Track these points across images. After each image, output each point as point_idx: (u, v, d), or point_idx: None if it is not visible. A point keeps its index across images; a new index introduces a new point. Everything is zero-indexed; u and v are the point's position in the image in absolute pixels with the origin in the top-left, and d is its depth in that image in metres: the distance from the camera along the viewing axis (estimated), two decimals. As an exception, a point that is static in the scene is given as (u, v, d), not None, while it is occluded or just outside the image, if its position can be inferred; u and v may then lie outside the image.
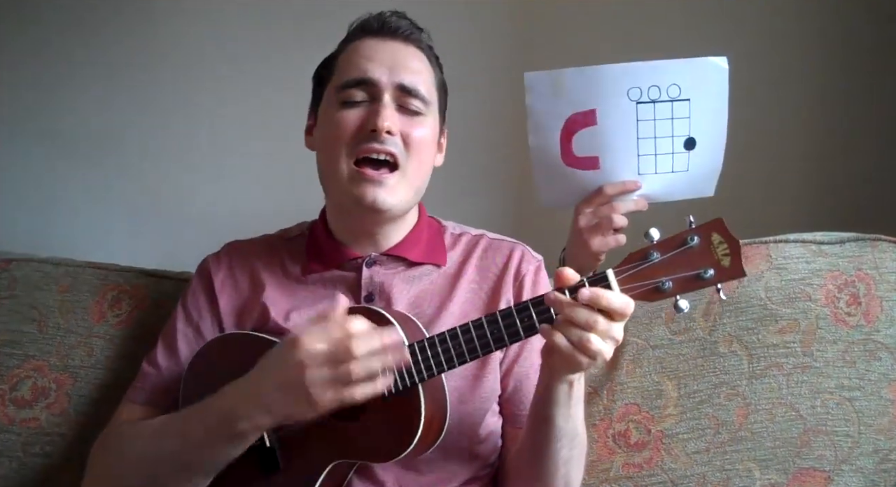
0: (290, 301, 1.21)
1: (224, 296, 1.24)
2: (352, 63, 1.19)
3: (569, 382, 1.02)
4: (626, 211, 1.35)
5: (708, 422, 1.32)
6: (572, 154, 1.35)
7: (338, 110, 1.17)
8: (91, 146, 1.99)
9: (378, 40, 1.20)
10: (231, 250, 1.30)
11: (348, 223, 1.23)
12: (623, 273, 0.97)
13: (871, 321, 1.35)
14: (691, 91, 1.30)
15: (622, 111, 1.31)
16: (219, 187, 2.01)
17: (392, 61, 1.18)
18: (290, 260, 1.26)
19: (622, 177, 1.34)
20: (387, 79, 1.16)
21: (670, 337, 1.36)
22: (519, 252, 1.27)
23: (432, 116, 1.21)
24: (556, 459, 1.08)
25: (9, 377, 1.39)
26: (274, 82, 1.97)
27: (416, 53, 1.22)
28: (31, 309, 1.43)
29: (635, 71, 1.30)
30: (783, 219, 1.68)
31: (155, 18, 1.97)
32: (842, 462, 1.31)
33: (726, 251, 0.96)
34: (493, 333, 1.01)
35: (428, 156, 1.21)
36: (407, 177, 1.16)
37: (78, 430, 1.37)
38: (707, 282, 0.96)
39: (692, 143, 1.33)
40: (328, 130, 1.18)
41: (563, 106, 1.33)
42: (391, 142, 1.14)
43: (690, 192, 1.40)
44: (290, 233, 1.32)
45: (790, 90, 1.86)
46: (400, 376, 1.03)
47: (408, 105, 1.17)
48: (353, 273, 1.22)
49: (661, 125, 1.32)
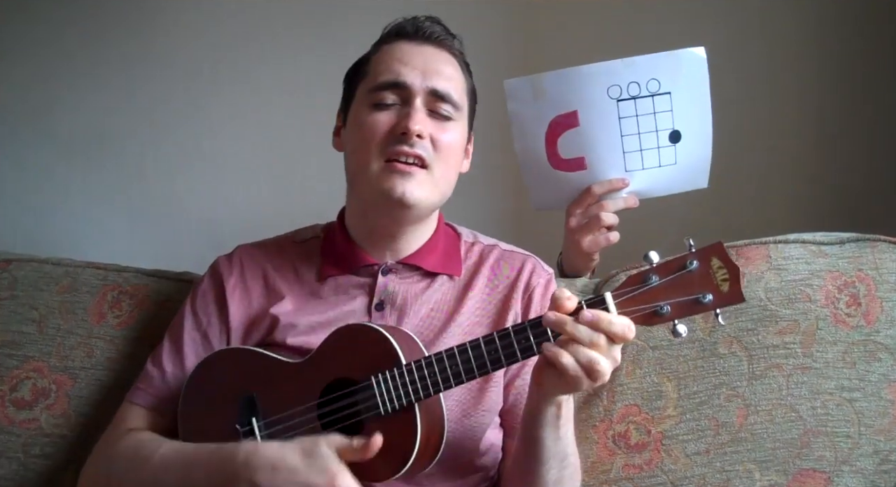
0: (303, 308, 1.21)
1: (234, 303, 1.23)
2: (385, 65, 1.19)
3: (557, 404, 1.02)
4: (615, 209, 1.35)
5: (708, 423, 1.32)
6: (558, 156, 1.35)
7: (370, 112, 1.18)
8: (91, 146, 1.99)
9: (412, 44, 1.21)
10: (242, 253, 1.29)
11: (370, 224, 1.23)
12: (621, 296, 0.97)
13: (871, 322, 1.35)
14: (671, 84, 1.31)
15: (603, 110, 1.31)
16: (219, 187, 2.01)
17: (425, 65, 1.18)
18: (303, 264, 1.26)
19: (609, 176, 1.35)
20: (419, 83, 1.17)
21: (670, 338, 1.35)
22: (530, 264, 1.26)
23: (462, 122, 1.22)
24: (545, 479, 1.08)
25: (9, 378, 1.39)
26: (275, 83, 1.97)
27: (449, 59, 1.23)
28: (31, 309, 1.43)
29: (613, 69, 1.31)
30: (783, 219, 1.69)
31: (155, 19, 1.97)
32: (842, 463, 1.31)
33: (725, 276, 0.95)
34: (489, 354, 1.00)
35: (455, 160, 1.21)
36: (434, 177, 1.17)
37: (78, 431, 1.37)
38: (705, 307, 0.95)
39: (677, 136, 1.33)
40: (359, 131, 1.19)
41: (544, 109, 1.34)
42: (420, 145, 1.15)
43: (683, 185, 1.40)
44: (300, 235, 1.31)
45: (790, 90, 1.86)
46: (397, 395, 1.03)
47: (439, 110, 1.18)
48: (369, 279, 1.22)
49: (643, 120, 1.32)
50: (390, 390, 1.03)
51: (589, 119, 1.32)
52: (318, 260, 1.25)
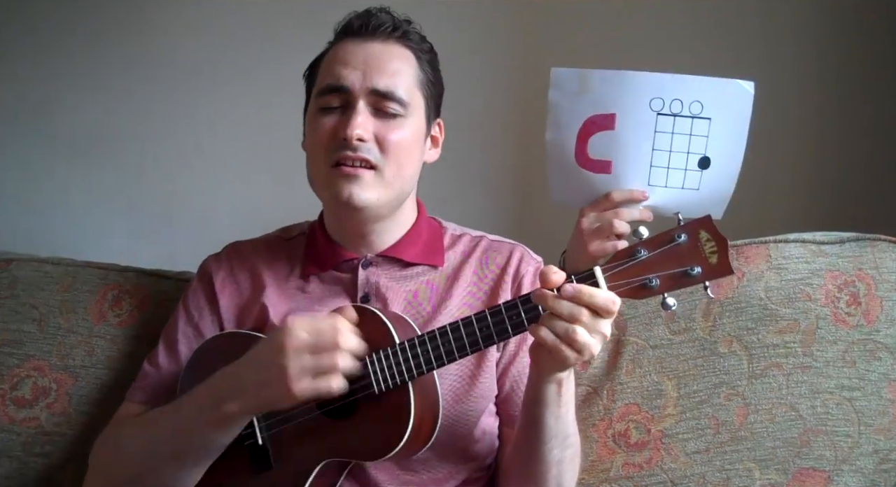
0: (288, 302, 1.22)
1: (224, 296, 1.24)
2: (329, 68, 1.19)
3: (557, 382, 1.02)
4: (630, 219, 1.35)
5: (708, 422, 1.32)
6: (586, 155, 1.35)
7: (316, 117, 1.18)
8: (91, 146, 1.99)
9: (356, 43, 1.19)
10: (231, 251, 1.31)
11: (340, 224, 1.24)
12: (610, 270, 0.97)
13: (871, 321, 1.35)
14: (713, 110, 1.30)
15: (642, 119, 1.30)
16: (218, 187, 2.01)
17: (366, 65, 1.16)
18: (290, 261, 1.27)
19: (631, 185, 1.34)
20: (360, 84, 1.15)
21: (670, 337, 1.36)
22: (518, 253, 1.27)
23: (413, 117, 1.19)
24: (547, 460, 1.09)
25: (9, 377, 1.39)
26: (274, 83, 1.97)
27: (397, 51, 1.20)
28: (32, 308, 1.43)
29: (661, 81, 1.30)
30: (783, 219, 1.68)
31: (155, 19, 1.97)
32: (842, 463, 1.31)
33: (714, 249, 0.96)
34: (482, 330, 1.01)
35: (409, 157, 1.19)
36: (384, 177, 1.16)
37: (78, 430, 1.37)
38: (694, 280, 0.96)
39: (706, 163, 1.33)
40: (310, 136, 1.20)
41: (584, 105, 1.33)
42: (364, 148, 1.14)
43: (697, 212, 1.40)
44: (289, 232, 1.32)
45: (790, 90, 1.86)
46: (391, 374, 1.04)
47: (384, 108, 1.16)
48: (350, 274, 1.22)
49: (678, 139, 1.31)
50: (384, 368, 1.04)
51: (625, 125, 1.31)
52: (303, 259, 1.26)
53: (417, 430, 1.05)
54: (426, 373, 1.04)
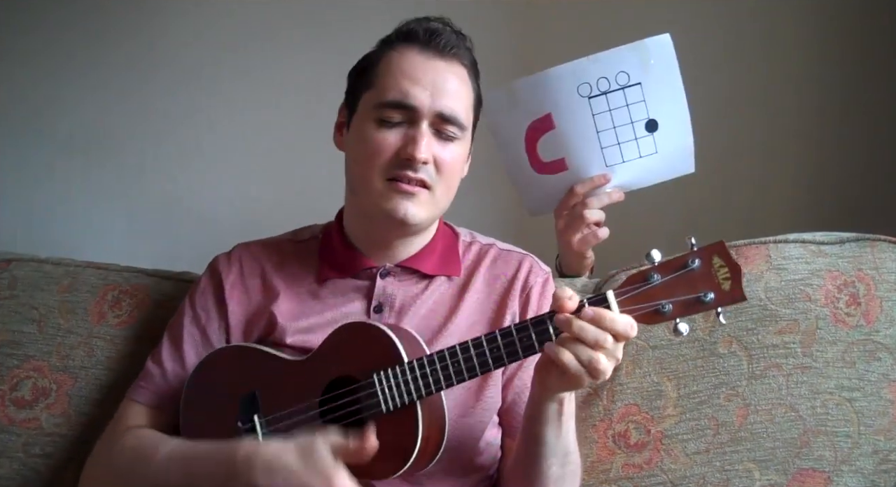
0: (300, 307, 1.21)
1: (234, 301, 1.23)
2: (393, 80, 1.16)
3: (559, 400, 1.02)
4: (600, 205, 1.35)
5: (707, 423, 1.32)
6: (540, 160, 1.36)
7: (375, 128, 1.16)
8: (91, 146, 1.99)
9: (422, 57, 1.17)
10: (242, 252, 1.29)
11: (369, 232, 1.23)
12: (623, 294, 0.97)
13: (870, 321, 1.35)
14: (640, 74, 1.31)
15: (576, 109, 1.31)
16: (219, 187, 2.01)
17: (433, 85, 1.15)
18: (301, 265, 1.26)
19: (591, 173, 1.35)
20: (428, 105, 1.14)
21: (670, 337, 1.35)
22: (528, 263, 1.26)
23: (466, 138, 1.21)
24: (546, 476, 1.08)
25: (9, 377, 1.39)
26: (275, 83, 1.97)
27: (458, 71, 1.19)
28: (32, 309, 1.43)
29: (579, 67, 1.31)
30: (783, 219, 1.69)
31: (155, 19, 1.97)
32: (841, 463, 1.31)
33: (727, 275, 0.95)
34: (492, 352, 1.00)
35: (456, 177, 1.21)
36: (436, 196, 1.17)
37: (78, 430, 1.37)
38: (707, 306, 0.96)
39: (654, 125, 1.33)
40: (363, 146, 1.17)
41: (520, 116, 1.35)
42: (424, 170, 1.15)
43: (668, 173, 1.40)
44: (300, 235, 1.31)
45: (790, 90, 1.86)
46: (398, 392, 1.03)
47: (445, 131, 1.17)
48: (368, 282, 1.22)
49: (617, 114, 1.32)
50: (392, 388, 1.03)
51: (563, 120, 1.32)
52: (316, 263, 1.25)
53: (424, 448, 1.04)
54: (434, 393, 1.04)
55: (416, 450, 1.03)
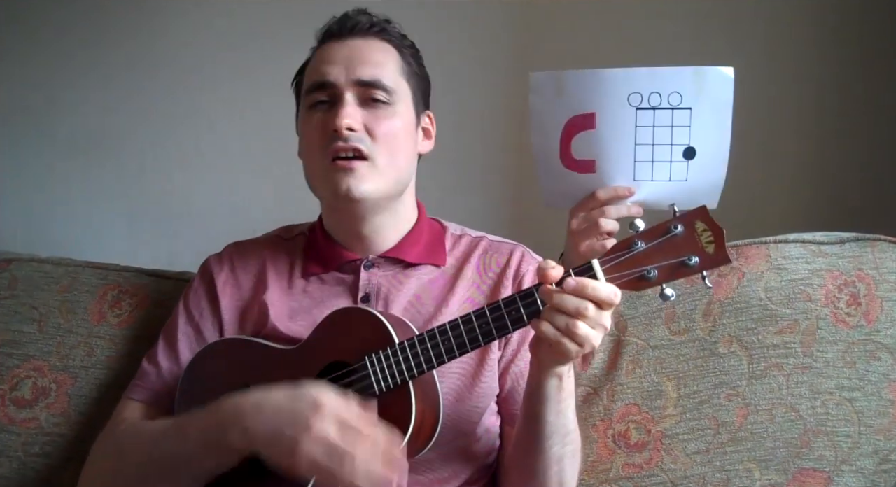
0: (290, 302, 1.22)
1: (226, 297, 1.24)
2: (313, 68, 1.21)
3: (557, 376, 1.02)
4: (617, 216, 1.35)
5: (708, 423, 1.32)
6: (571, 156, 1.35)
7: (307, 115, 1.20)
8: (91, 146, 1.99)
9: (337, 42, 1.21)
10: (233, 250, 1.30)
11: (340, 223, 1.24)
12: (608, 262, 0.98)
13: (871, 321, 1.35)
14: (693, 100, 1.29)
15: (621, 116, 1.30)
16: (218, 187, 2.01)
17: (348, 60, 1.18)
18: (291, 260, 1.27)
19: (617, 183, 1.34)
20: (344, 78, 1.17)
21: (670, 337, 1.36)
22: (519, 253, 1.27)
23: (401, 105, 1.20)
24: (548, 456, 1.08)
25: (9, 377, 1.39)
26: (274, 83, 1.96)
27: (378, 45, 1.22)
28: (32, 308, 1.43)
29: (637, 76, 1.30)
30: (783, 219, 1.68)
31: (155, 19, 1.97)
32: (842, 463, 1.31)
33: (710, 238, 0.96)
34: (481, 327, 1.01)
35: (402, 146, 1.20)
36: (377, 167, 1.16)
37: (78, 430, 1.37)
38: (692, 270, 0.97)
39: (692, 153, 1.32)
40: (304, 135, 1.22)
41: (564, 107, 1.33)
42: (355, 138, 1.15)
43: (690, 202, 1.37)
44: (290, 232, 1.32)
45: (790, 89, 1.86)
46: (391, 373, 1.04)
47: (371, 96, 1.18)
48: (352, 275, 1.22)
49: (659, 132, 1.31)
50: (384, 369, 1.04)
51: (605, 123, 1.31)
52: (302, 260, 1.26)
53: (418, 430, 1.05)
54: (426, 372, 1.04)
55: (411, 430, 1.03)
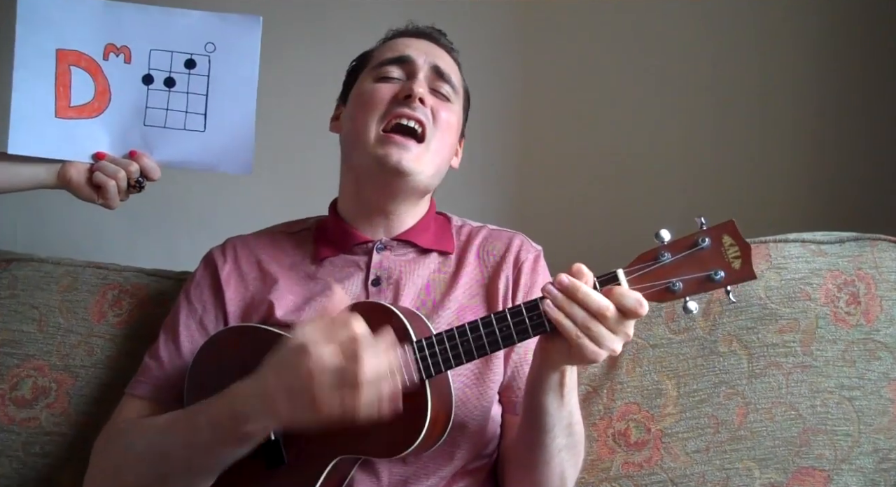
0: (301, 290, 1.21)
1: (230, 289, 1.24)
2: (390, 48, 1.27)
3: (560, 371, 1.02)
4: None
5: (707, 421, 1.32)
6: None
7: (370, 85, 1.23)
8: (91, 146, 1.98)
9: (414, 38, 1.29)
10: (235, 242, 1.30)
11: (363, 199, 1.24)
12: (634, 273, 0.98)
13: (870, 320, 1.35)
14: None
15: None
16: (218, 187, 2.01)
17: (427, 49, 1.26)
18: (296, 251, 1.27)
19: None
20: (423, 60, 1.23)
21: (670, 336, 1.36)
22: (518, 240, 1.29)
23: (458, 108, 1.26)
24: (550, 448, 1.08)
25: (9, 376, 1.39)
26: (274, 82, 1.97)
27: (448, 55, 1.30)
28: (32, 308, 1.43)
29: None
30: (783, 219, 1.68)
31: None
32: (841, 462, 1.31)
33: (737, 253, 0.96)
34: (501, 330, 1.01)
35: (450, 141, 1.25)
36: (430, 151, 1.20)
37: (78, 430, 1.37)
38: (717, 284, 0.96)
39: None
40: (361, 102, 1.22)
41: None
42: (422, 110, 1.18)
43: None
44: (293, 227, 1.33)
45: (789, 90, 1.86)
46: (408, 371, 1.03)
47: (439, 88, 1.23)
48: (364, 256, 1.23)
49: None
50: (402, 366, 1.02)
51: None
52: (312, 247, 1.27)
53: (432, 428, 1.05)
54: (443, 372, 1.04)
55: (425, 429, 1.02)
